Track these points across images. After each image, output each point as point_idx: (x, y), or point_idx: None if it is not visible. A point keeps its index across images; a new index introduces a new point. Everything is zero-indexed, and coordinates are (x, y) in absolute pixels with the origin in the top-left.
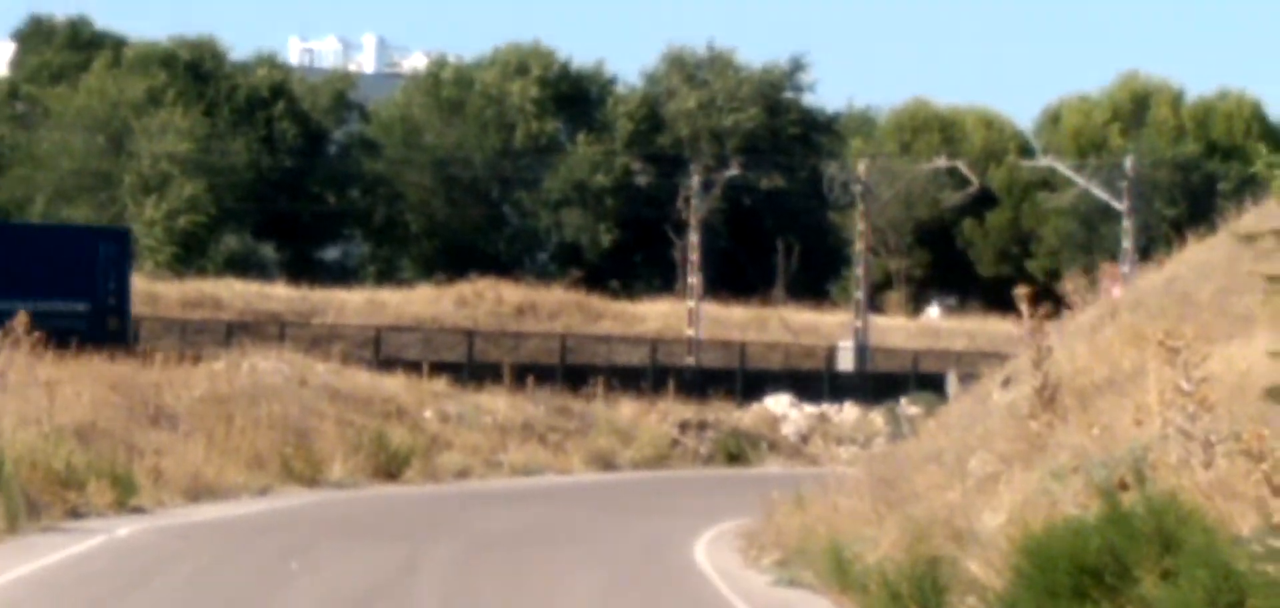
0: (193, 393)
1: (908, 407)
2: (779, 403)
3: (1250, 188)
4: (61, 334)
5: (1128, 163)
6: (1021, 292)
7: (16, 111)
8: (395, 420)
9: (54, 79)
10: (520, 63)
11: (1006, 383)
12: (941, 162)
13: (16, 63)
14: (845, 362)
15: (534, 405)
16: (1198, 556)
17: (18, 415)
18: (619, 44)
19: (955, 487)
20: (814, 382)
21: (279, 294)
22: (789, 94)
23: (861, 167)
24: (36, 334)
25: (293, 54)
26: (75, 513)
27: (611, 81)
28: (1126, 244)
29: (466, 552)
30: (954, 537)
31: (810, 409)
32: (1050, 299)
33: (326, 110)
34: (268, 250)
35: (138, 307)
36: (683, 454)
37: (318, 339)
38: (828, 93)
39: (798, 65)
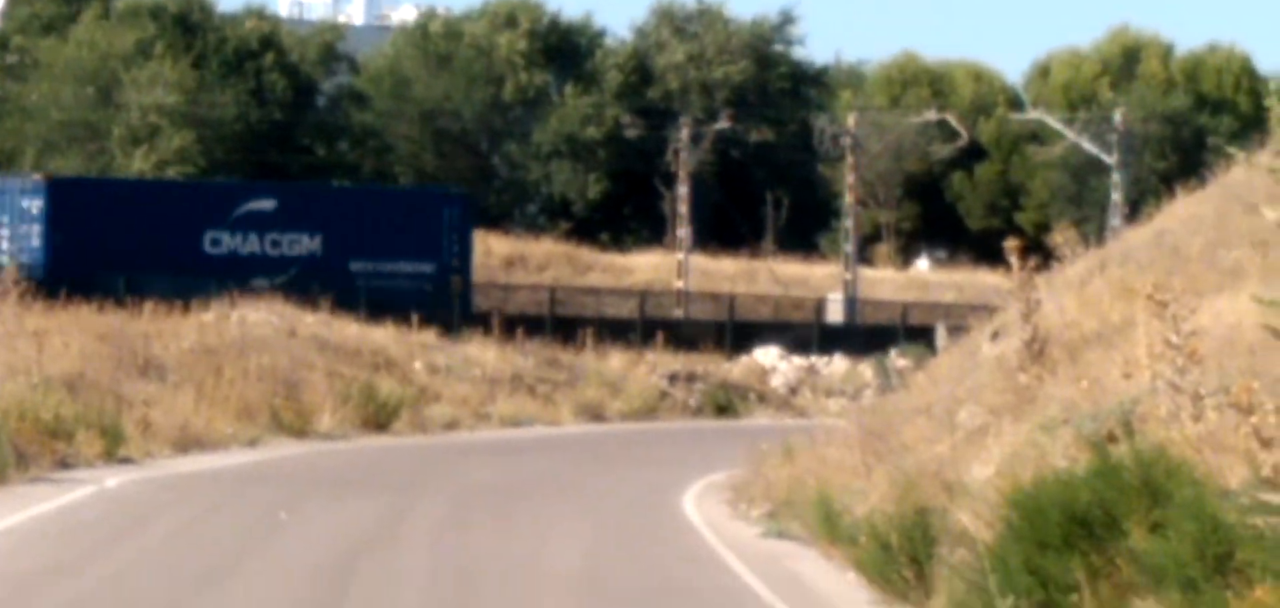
0: (181, 344)
1: (897, 359)
2: (768, 355)
3: (1240, 140)
4: (407, 296)
5: (1117, 116)
6: (1011, 244)
7: (6, 63)
8: (384, 372)
9: (44, 30)
10: (509, 15)
11: (995, 336)
12: (931, 115)
13: (6, 14)
14: (834, 314)
15: (523, 357)
16: (1186, 508)
17: (6, 366)
18: None
19: (944, 439)
20: (803, 334)
21: None
22: (778, 47)
23: (851, 119)
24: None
25: (282, 5)
26: (64, 464)
27: (600, 34)
28: (1116, 197)
29: (455, 503)
30: (943, 489)
31: (799, 361)
32: (1039, 252)
33: (315, 62)
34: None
35: None
36: (671, 406)
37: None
38: (817, 46)
39: (787, 18)
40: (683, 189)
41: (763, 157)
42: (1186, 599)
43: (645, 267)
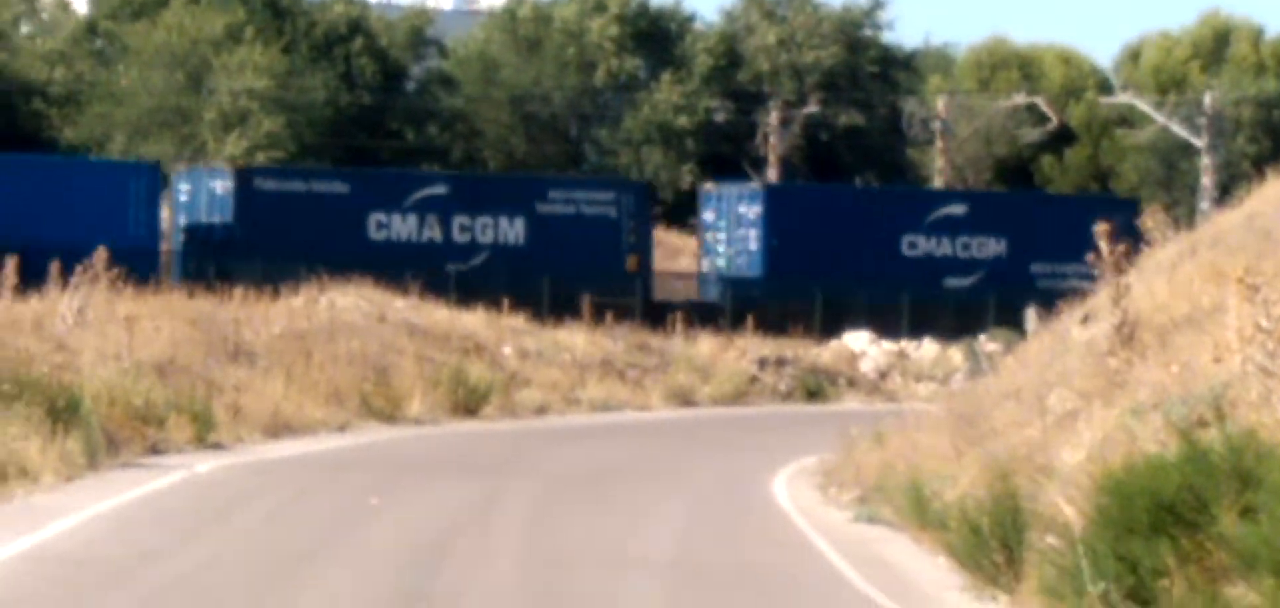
0: (272, 329)
1: (986, 343)
2: (858, 339)
3: None
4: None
5: (1207, 99)
6: (1100, 228)
7: (96, 48)
8: (474, 357)
9: (133, 15)
10: (598, 0)
11: (1085, 320)
12: (1020, 98)
13: (95, 0)
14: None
15: (613, 342)
16: (1277, 492)
17: (97, 352)
18: None
19: (1034, 424)
20: (893, 318)
21: None
22: (868, 31)
23: (940, 104)
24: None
25: None
26: (154, 449)
27: (690, 18)
28: (1206, 181)
29: (546, 488)
30: (1034, 474)
31: (889, 346)
32: (1130, 235)
33: (404, 47)
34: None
35: None
36: (761, 390)
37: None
38: (906, 30)
39: (877, 2)
40: (772, 174)
41: (852, 141)
42: (1278, 584)
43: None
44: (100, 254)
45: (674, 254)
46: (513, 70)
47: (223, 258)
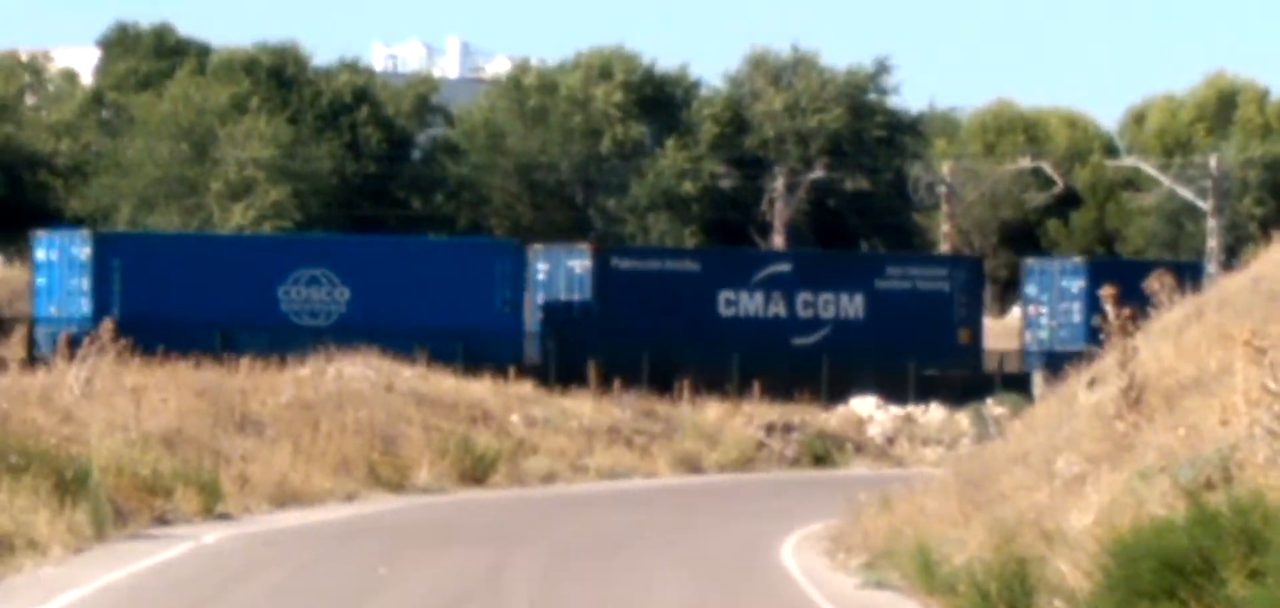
0: (279, 399)
1: (993, 407)
2: (864, 405)
3: None
4: None
5: (1213, 162)
6: (1106, 292)
7: (102, 118)
8: (481, 425)
9: (139, 86)
10: (603, 67)
11: (1092, 383)
12: (1026, 162)
13: (102, 70)
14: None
15: (619, 409)
16: None
17: (105, 422)
18: (702, 47)
19: (1042, 488)
20: (899, 383)
21: None
22: (873, 96)
23: (946, 168)
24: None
25: (376, 59)
26: (162, 520)
27: (696, 84)
28: (1212, 243)
29: (553, 556)
30: (1041, 538)
31: (896, 411)
32: (1135, 299)
33: (410, 115)
34: None
35: None
36: (768, 457)
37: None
38: (912, 94)
39: (882, 67)
40: (779, 239)
41: (858, 205)
42: None
43: None
44: (106, 325)
45: None
46: (518, 138)
47: (579, 334)
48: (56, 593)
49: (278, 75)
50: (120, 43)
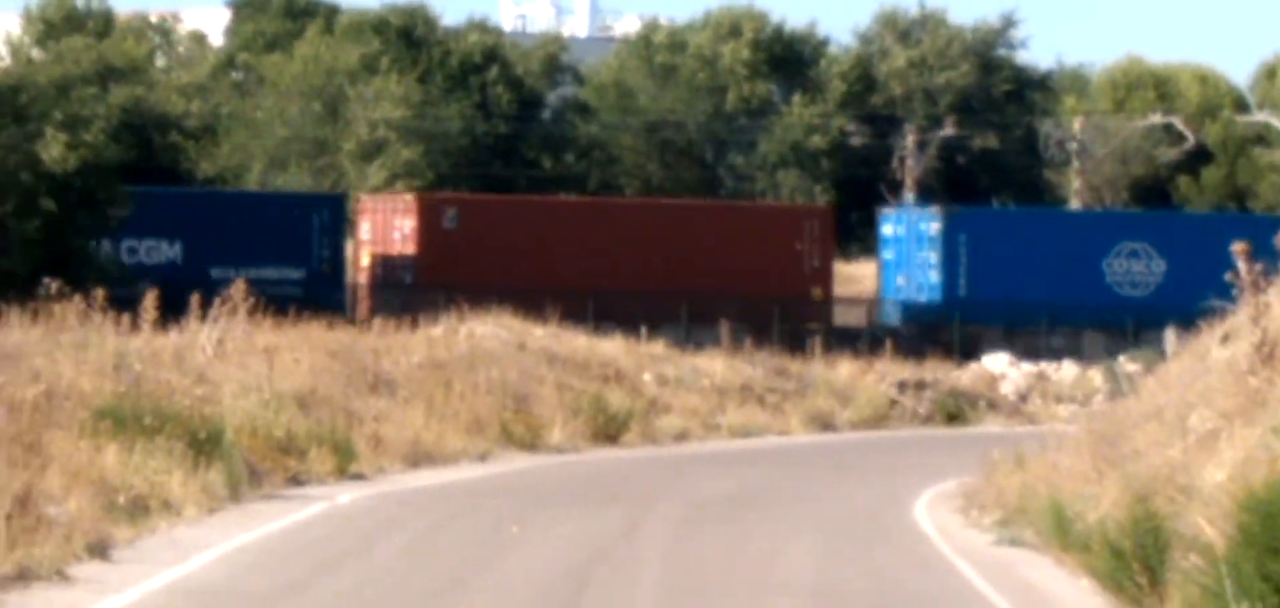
0: (411, 359)
1: (1126, 364)
2: (997, 362)
3: None
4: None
5: None
6: (1239, 247)
7: (233, 80)
8: (614, 384)
9: (268, 47)
10: (733, 25)
11: (1225, 339)
12: (1156, 118)
13: (232, 32)
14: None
15: (752, 367)
16: None
17: (238, 384)
18: (830, 4)
19: (1176, 444)
20: (1032, 340)
21: None
22: (1001, 52)
23: (1076, 124)
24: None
25: (505, 18)
26: (296, 480)
27: (824, 42)
28: None
29: (686, 515)
30: (1176, 494)
31: (1028, 368)
32: (1268, 254)
33: (539, 74)
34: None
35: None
36: (901, 414)
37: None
38: (1040, 50)
39: (1009, 23)
40: (909, 196)
41: (988, 162)
42: None
43: (871, 274)
44: (238, 286)
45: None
46: (648, 97)
47: None
48: (191, 553)
49: (407, 35)
50: (249, 4)
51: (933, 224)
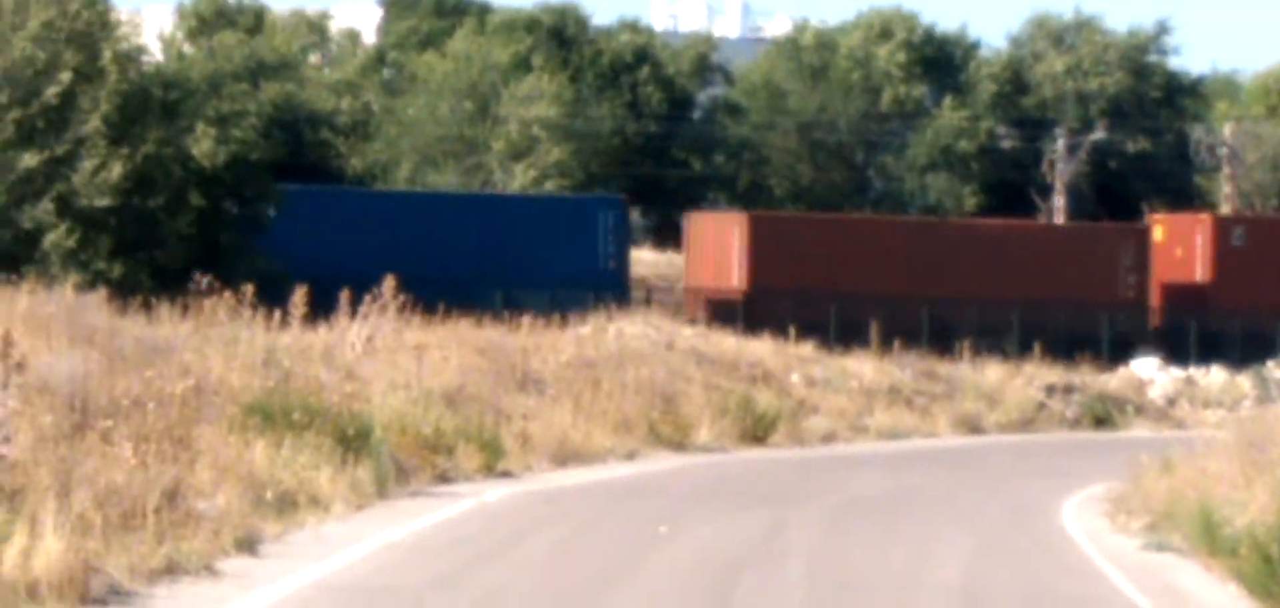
0: (559, 357)
1: (1275, 370)
2: (1145, 366)
3: None
4: None
5: None
6: None
7: (384, 77)
8: (761, 385)
9: (421, 46)
10: (884, 26)
11: None
12: None
13: (384, 29)
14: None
15: (900, 369)
16: None
17: (387, 380)
18: (981, 8)
19: None
20: (1181, 344)
21: (645, 258)
22: (1154, 57)
23: (1227, 130)
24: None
25: (656, 18)
26: (443, 478)
27: (975, 45)
28: None
29: (833, 516)
30: None
31: (1177, 373)
32: None
33: (690, 75)
34: (634, 215)
35: None
36: (1049, 418)
37: (684, 303)
38: (1193, 56)
39: (1163, 29)
40: (1059, 200)
41: (1139, 167)
42: None
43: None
44: (389, 283)
45: None
46: (798, 97)
47: None
48: (339, 549)
49: (558, 34)
50: (402, 1)
51: None
